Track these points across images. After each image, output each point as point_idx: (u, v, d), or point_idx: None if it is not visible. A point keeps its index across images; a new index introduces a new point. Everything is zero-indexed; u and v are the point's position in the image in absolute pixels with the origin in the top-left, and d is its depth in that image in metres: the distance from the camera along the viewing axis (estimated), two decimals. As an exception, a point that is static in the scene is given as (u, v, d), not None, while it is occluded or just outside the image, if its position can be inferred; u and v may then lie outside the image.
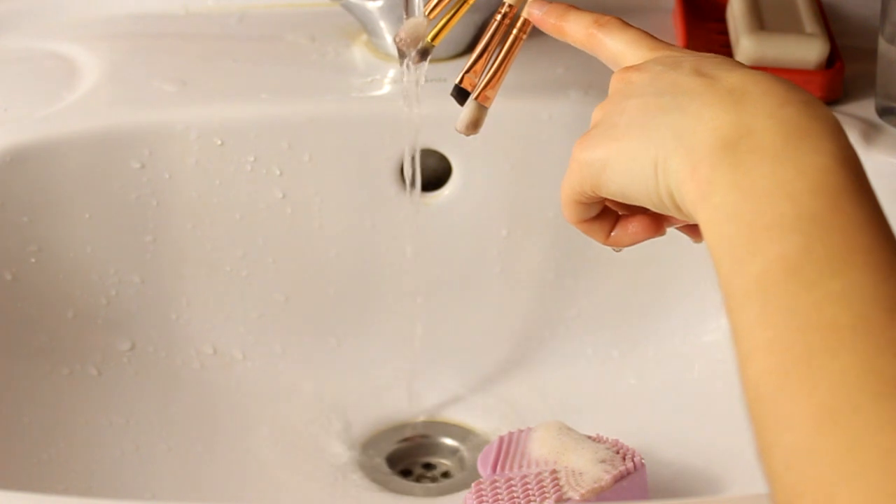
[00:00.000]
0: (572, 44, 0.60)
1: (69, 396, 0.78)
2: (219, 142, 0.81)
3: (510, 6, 0.65)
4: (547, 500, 0.65)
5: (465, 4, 0.68)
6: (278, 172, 0.82)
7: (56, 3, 0.91)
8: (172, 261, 0.82)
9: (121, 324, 0.81)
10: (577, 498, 0.65)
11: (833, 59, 0.82)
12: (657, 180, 0.50)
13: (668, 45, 0.56)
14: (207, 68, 0.85)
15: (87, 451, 0.76)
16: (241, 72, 0.85)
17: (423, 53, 0.68)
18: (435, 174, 0.84)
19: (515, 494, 0.67)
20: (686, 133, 0.49)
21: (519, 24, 0.65)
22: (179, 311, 0.82)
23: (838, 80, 0.82)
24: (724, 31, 0.87)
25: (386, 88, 0.84)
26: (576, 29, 0.59)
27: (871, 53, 0.82)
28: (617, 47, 0.57)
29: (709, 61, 0.52)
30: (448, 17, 0.68)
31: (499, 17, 0.65)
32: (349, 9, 0.85)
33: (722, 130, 0.48)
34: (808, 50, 0.81)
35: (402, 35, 0.68)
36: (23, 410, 0.76)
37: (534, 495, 0.66)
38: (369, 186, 0.83)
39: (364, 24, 0.86)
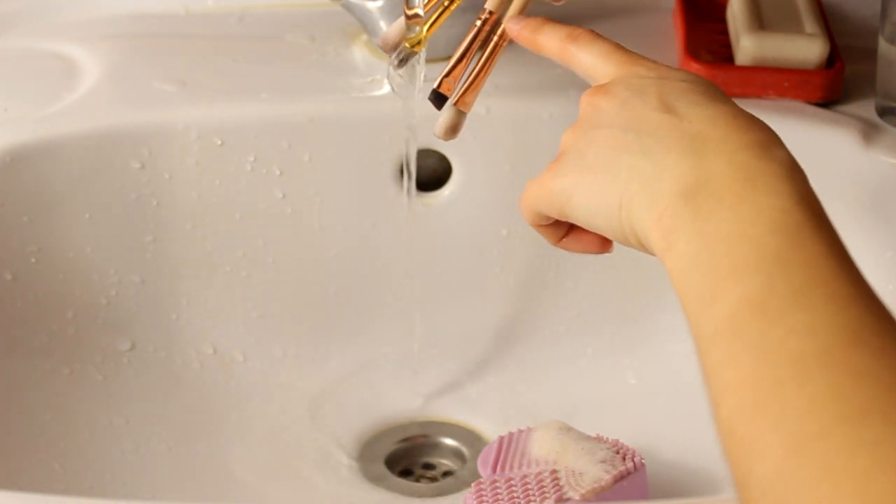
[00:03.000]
0: (548, 56, 0.61)
1: (69, 396, 0.78)
2: (219, 142, 0.81)
3: (491, 12, 0.65)
4: (547, 500, 0.65)
5: (446, 12, 0.68)
6: (278, 172, 0.82)
7: (56, 3, 0.91)
8: (172, 261, 0.82)
9: (121, 324, 0.81)
10: (577, 498, 0.65)
11: (833, 59, 0.82)
12: (621, 220, 0.52)
13: (639, 58, 0.57)
14: (207, 68, 0.85)
15: (87, 451, 0.76)
16: (241, 72, 0.85)
17: (403, 60, 0.68)
18: (435, 174, 0.84)
19: (515, 494, 0.67)
20: (649, 179, 0.50)
21: (500, 30, 0.65)
22: (179, 311, 0.82)
23: (838, 80, 0.82)
24: (724, 31, 0.87)
25: (386, 88, 0.84)
26: (550, 42, 0.61)
27: (871, 53, 0.82)
28: (588, 60, 0.59)
29: (675, 89, 0.54)
30: (430, 22, 0.67)
31: (479, 22, 0.65)
32: (349, 9, 0.85)
33: (683, 179, 0.49)
34: (808, 50, 0.81)
35: (381, 40, 0.68)
36: (23, 410, 0.76)
37: (534, 495, 0.66)
38: (369, 186, 0.83)
39: (364, 24, 0.86)
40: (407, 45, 0.67)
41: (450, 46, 0.85)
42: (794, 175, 0.49)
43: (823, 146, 0.79)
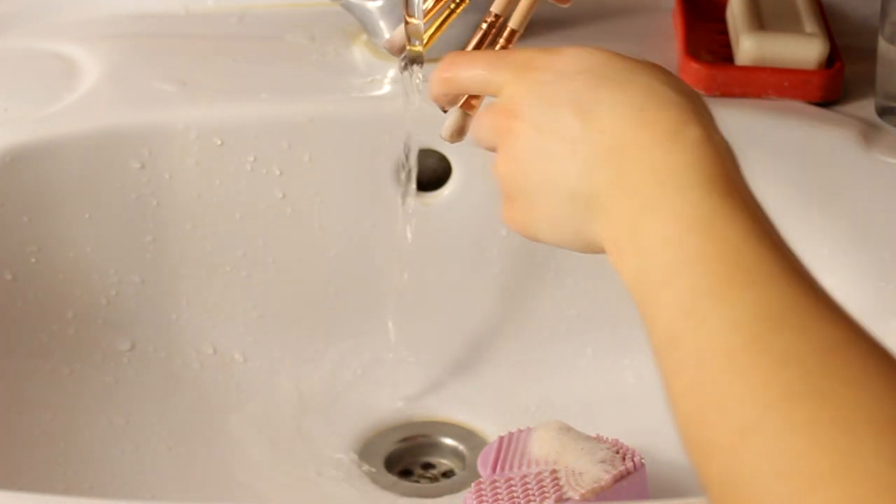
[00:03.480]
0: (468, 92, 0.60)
1: (69, 396, 0.78)
2: (219, 142, 0.81)
3: (497, 16, 0.65)
4: (547, 500, 0.65)
5: (453, 14, 0.68)
6: (278, 172, 0.82)
7: (56, 3, 0.91)
8: (172, 261, 0.82)
9: (121, 324, 0.81)
10: (577, 498, 0.65)
11: (833, 59, 0.82)
12: (587, 245, 0.53)
13: (525, 56, 0.55)
14: (207, 68, 0.85)
15: (87, 451, 0.76)
16: (241, 72, 0.85)
17: (411, 61, 0.68)
18: (435, 174, 0.84)
19: (515, 494, 0.67)
20: (590, 204, 0.51)
21: (506, 34, 0.65)
22: (179, 311, 0.82)
23: (838, 80, 0.82)
24: (724, 31, 0.87)
25: (386, 88, 0.84)
26: (434, 87, 0.59)
27: (871, 53, 0.82)
28: (475, 77, 0.57)
29: (576, 89, 0.52)
30: (436, 24, 0.67)
31: (485, 25, 0.65)
32: (349, 9, 0.85)
33: (615, 197, 0.50)
34: (808, 50, 0.81)
35: (387, 43, 0.68)
36: (23, 410, 0.76)
37: (534, 495, 0.66)
38: (369, 186, 0.83)
39: (364, 24, 0.86)
40: (417, 46, 0.67)
41: (450, 46, 0.85)
42: (702, 158, 0.48)
43: (823, 146, 0.79)
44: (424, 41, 0.67)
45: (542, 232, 0.55)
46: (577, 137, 0.51)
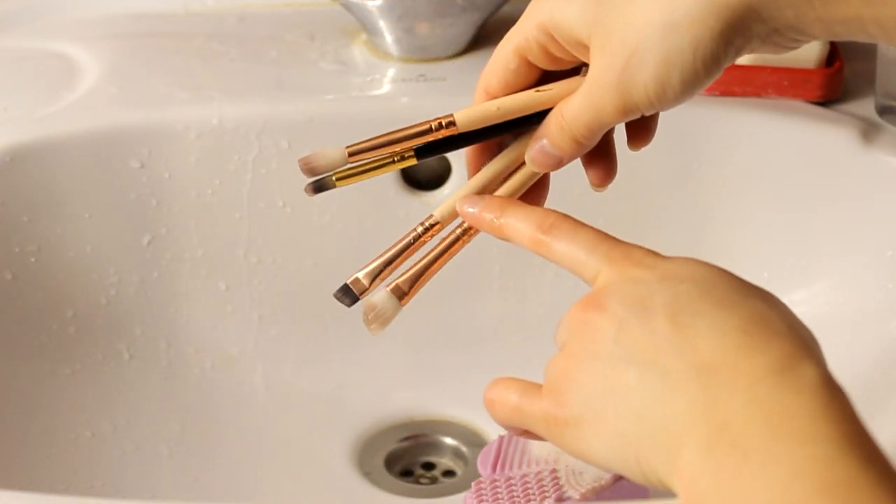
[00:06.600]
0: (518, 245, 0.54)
1: (69, 396, 0.78)
2: (219, 142, 0.81)
3: (437, 222, 0.59)
4: (547, 500, 0.65)
5: (389, 167, 0.60)
6: (278, 172, 0.82)
7: (56, 3, 0.91)
8: (172, 261, 0.82)
9: (121, 324, 0.81)
10: (578, 497, 0.65)
11: (832, 58, 0.82)
12: (643, 472, 0.46)
13: (629, 251, 0.50)
14: (207, 68, 0.85)
15: (87, 451, 0.76)
16: (241, 72, 0.85)
17: (319, 188, 0.59)
18: (435, 174, 0.84)
19: (515, 494, 0.67)
20: (661, 431, 0.44)
21: (448, 242, 0.59)
22: (179, 311, 0.82)
23: (838, 79, 0.82)
24: (724, 31, 0.87)
25: (386, 88, 0.84)
26: (519, 233, 0.54)
27: (871, 52, 0.82)
28: (571, 254, 0.52)
29: (677, 298, 0.46)
30: (366, 168, 0.60)
31: (420, 228, 0.59)
32: (349, 8, 0.85)
33: (697, 427, 0.43)
34: (807, 49, 0.81)
35: (303, 161, 0.59)
36: (23, 410, 0.76)
37: (534, 494, 0.66)
38: (370, 186, 0.83)
39: (364, 24, 0.86)
40: (333, 177, 0.59)
41: (450, 46, 0.86)
42: (831, 404, 0.41)
43: (823, 145, 0.79)
44: (336, 177, 0.59)
45: (591, 449, 0.47)
46: (663, 348, 0.45)
